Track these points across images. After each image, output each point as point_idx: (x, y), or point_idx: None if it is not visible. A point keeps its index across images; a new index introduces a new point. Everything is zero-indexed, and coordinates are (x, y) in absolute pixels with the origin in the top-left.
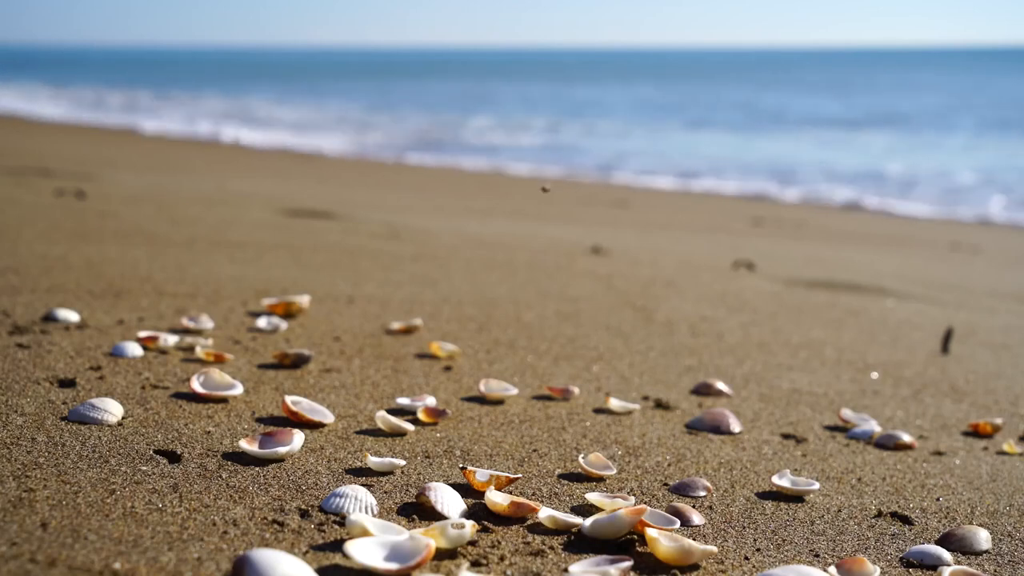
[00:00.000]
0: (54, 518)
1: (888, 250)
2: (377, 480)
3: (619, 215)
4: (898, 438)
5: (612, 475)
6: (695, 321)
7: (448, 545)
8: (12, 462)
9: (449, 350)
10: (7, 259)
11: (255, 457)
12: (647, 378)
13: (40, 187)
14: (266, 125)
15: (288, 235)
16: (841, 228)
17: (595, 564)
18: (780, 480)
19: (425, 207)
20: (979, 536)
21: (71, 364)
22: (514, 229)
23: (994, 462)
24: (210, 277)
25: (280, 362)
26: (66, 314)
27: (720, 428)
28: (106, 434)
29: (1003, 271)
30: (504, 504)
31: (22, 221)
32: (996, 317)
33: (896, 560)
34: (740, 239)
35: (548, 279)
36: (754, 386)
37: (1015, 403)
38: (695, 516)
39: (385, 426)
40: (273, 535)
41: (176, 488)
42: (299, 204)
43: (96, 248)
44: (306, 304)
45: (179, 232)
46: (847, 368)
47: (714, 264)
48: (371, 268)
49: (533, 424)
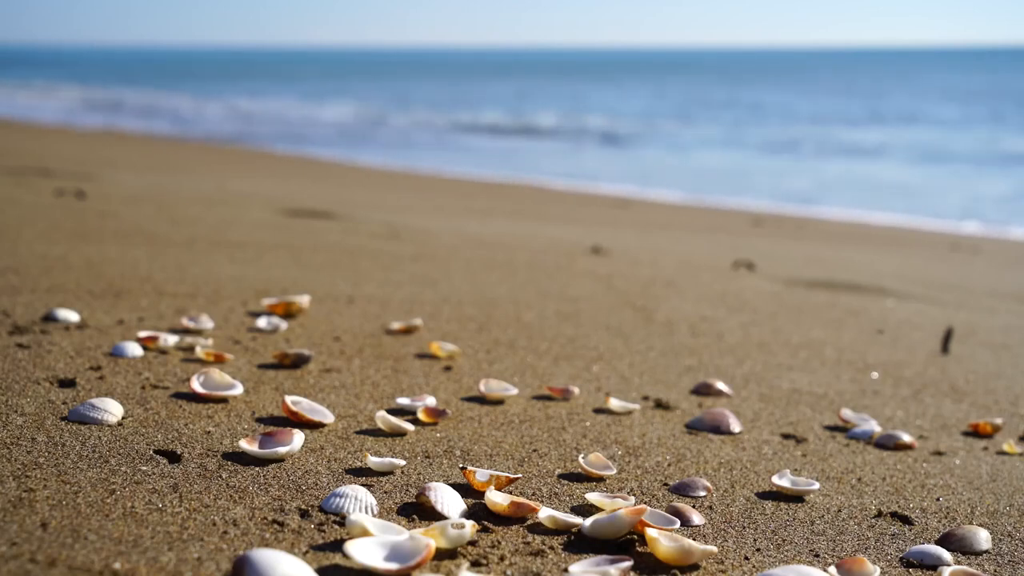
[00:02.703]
0: (54, 518)
1: (888, 250)
2: (377, 480)
3: (619, 215)
4: (898, 438)
5: (612, 475)
6: (695, 321)
7: (448, 545)
8: (12, 462)
9: (449, 350)
10: (7, 259)
11: (255, 457)
12: (647, 378)
13: (40, 187)
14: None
15: (288, 235)
16: (841, 228)
17: (595, 564)
18: (780, 480)
19: (425, 207)
20: (979, 536)
21: (71, 364)
22: (514, 229)
23: (994, 462)
24: (210, 277)
25: (280, 362)
26: (66, 314)
27: (720, 428)
28: (106, 434)
29: (1003, 271)
30: (504, 504)
31: (22, 221)
32: (996, 317)
33: (896, 560)
34: (740, 239)
35: (548, 279)
36: (754, 386)
37: (1015, 403)
38: (695, 516)
39: (385, 426)
40: (273, 535)
41: (176, 488)
42: (299, 204)
43: (96, 248)
44: (306, 304)
45: (179, 232)
46: (847, 368)
47: (714, 264)
48: (371, 268)
49: (533, 424)
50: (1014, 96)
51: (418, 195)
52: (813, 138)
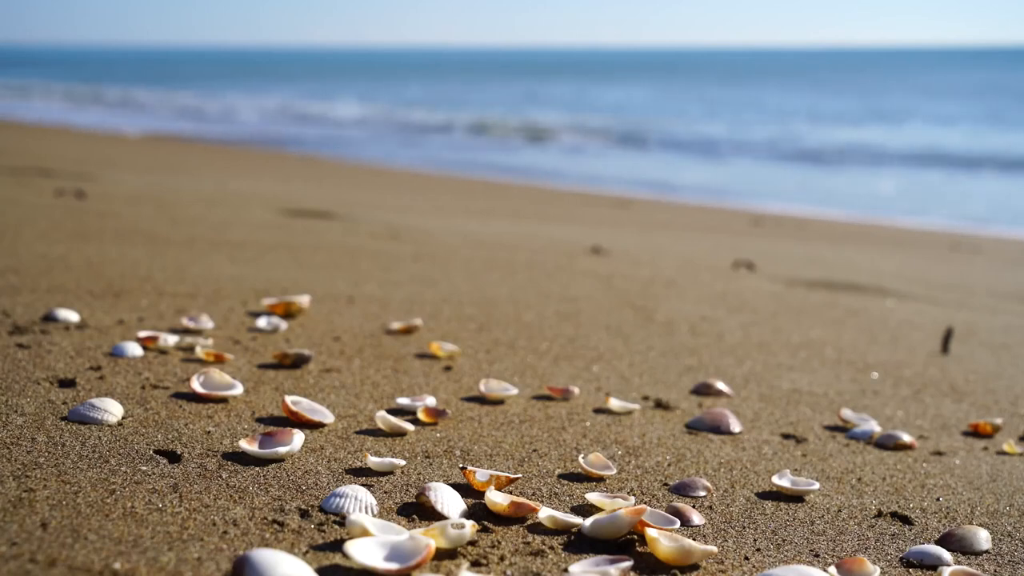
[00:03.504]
0: (54, 518)
1: (888, 250)
2: (377, 480)
3: (619, 215)
4: (898, 438)
5: (612, 475)
6: (695, 321)
7: (448, 545)
8: (12, 462)
9: (449, 350)
10: (7, 259)
11: (255, 457)
12: (647, 378)
13: (40, 187)
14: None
15: (288, 235)
16: (841, 228)
17: (595, 564)
18: (780, 480)
19: (425, 207)
20: (979, 536)
21: (71, 364)
22: (514, 229)
23: (994, 462)
24: (210, 277)
25: (280, 362)
26: (66, 314)
27: (720, 428)
28: (106, 434)
29: (1003, 271)
30: (504, 504)
31: (22, 221)
32: (996, 317)
33: (896, 560)
34: (740, 239)
35: (548, 279)
36: (754, 386)
37: (1015, 403)
38: (695, 516)
39: (385, 426)
40: (273, 535)
41: (176, 488)
42: (299, 204)
43: (96, 248)
44: (306, 304)
45: (179, 232)
46: (847, 368)
47: (714, 264)
48: (371, 268)
49: (533, 424)
50: (1015, 95)
51: (418, 195)
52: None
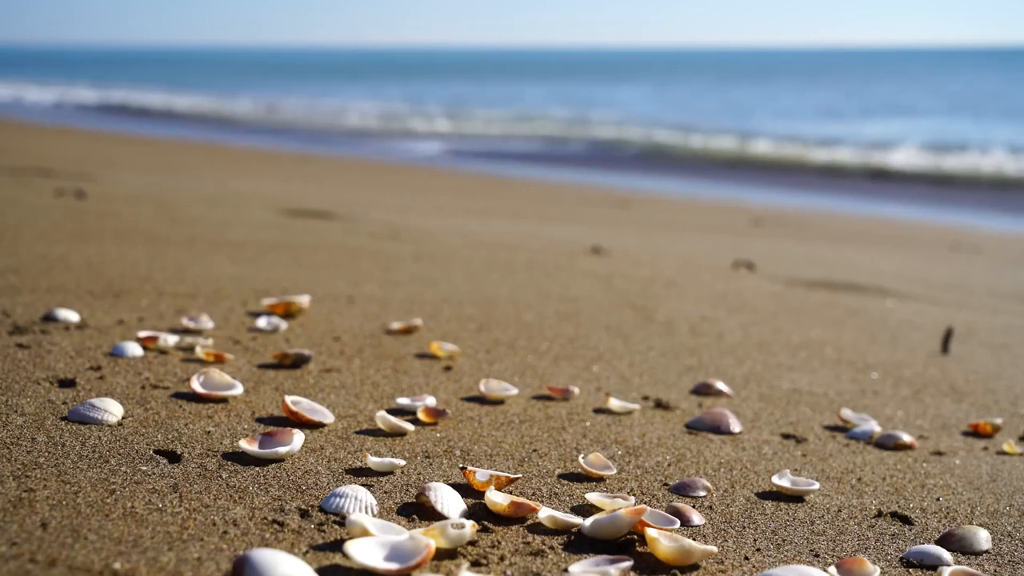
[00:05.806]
0: (54, 518)
1: (888, 250)
2: (377, 480)
3: (619, 215)
4: (898, 438)
5: (612, 475)
6: (695, 321)
7: (448, 545)
8: (12, 462)
9: (449, 350)
10: (7, 259)
11: (255, 457)
12: (647, 378)
13: (40, 187)
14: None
15: (288, 235)
16: (841, 228)
17: (595, 564)
18: (780, 480)
19: (425, 207)
20: (979, 536)
21: (71, 364)
22: (514, 229)
23: (994, 462)
24: (210, 277)
25: (280, 362)
26: (66, 314)
27: (720, 428)
28: (106, 434)
29: (1003, 271)
30: (504, 504)
31: (22, 221)
32: (996, 317)
33: (896, 560)
34: (740, 239)
35: (548, 279)
36: (754, 386)
37: (1015, 403)
38: (695, 516)
39: (385, 426)
40: (273, 535)
41: (176, 488)
42: (299, 204)
43: (96, 248)
44: (306, 304)
45: (179, 232)
46: (847, 368)
47: (714, 264)
48: (371, 268)
49: (533, 424)
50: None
51: (418, 195)
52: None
